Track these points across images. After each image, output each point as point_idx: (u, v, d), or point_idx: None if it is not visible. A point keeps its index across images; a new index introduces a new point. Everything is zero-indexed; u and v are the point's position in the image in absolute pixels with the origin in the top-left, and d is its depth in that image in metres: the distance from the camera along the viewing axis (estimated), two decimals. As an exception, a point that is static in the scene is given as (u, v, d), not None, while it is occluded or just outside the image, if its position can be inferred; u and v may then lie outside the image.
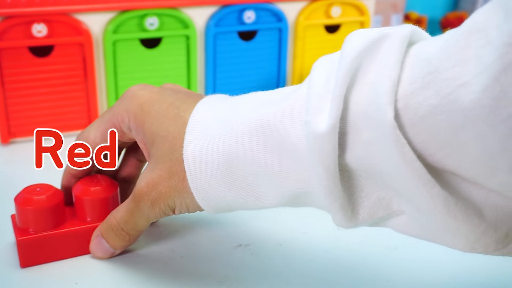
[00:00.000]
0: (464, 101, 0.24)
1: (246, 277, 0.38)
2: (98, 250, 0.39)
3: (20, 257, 0.38)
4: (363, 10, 0.70)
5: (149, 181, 0.35)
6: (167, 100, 0.36)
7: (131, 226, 0.37)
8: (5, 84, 0.56)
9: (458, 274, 0.39)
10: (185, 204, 0.35)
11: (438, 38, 0.28)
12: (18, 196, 0.38)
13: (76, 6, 0.56)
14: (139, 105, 0.36)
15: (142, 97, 0.37)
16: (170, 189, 0.34)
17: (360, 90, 0.28)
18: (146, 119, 0.36)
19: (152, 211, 0.36)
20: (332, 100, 0.28)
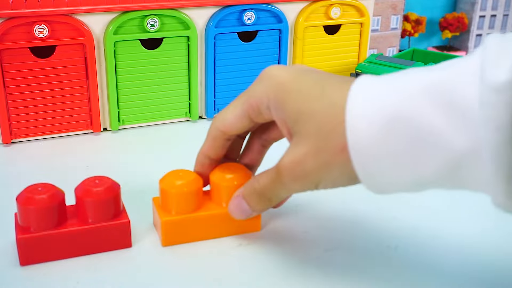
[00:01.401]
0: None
1: (246, 277, 0.38)
2: (237, 210, 0.41)
3: (19, 255, 0.38)
4: (362, 11, 0.70)
5: (294, 158, 0.35)
6: (309, 80, 0.36)
7: (272, 193, 0.39)
8: (6, 85, 0.56)
9: (458, 274, 0.39)
10: (332, 179, 0.35)
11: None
12: (20, 195, 0.39)
13: (77, 7, 0.56)
14: (279, 84, 0.37)
15: (281, 77, 0.37)
16: (317, 166, 0.35)
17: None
18: (288, 97, 0.36)
19: (294, 185, 0.36)
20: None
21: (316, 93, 0.35)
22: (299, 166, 0.35)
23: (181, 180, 0.41)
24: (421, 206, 0.48)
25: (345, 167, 0.34)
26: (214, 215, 0.42)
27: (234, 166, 0.42)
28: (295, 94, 0.36)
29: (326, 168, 0.34)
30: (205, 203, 0.42)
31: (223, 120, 0.40)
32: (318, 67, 0.70)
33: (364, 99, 0.33)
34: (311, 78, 0.36)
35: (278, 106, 0.37)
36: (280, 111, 0.37)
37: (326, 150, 0.34)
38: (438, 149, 0.31)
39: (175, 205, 0.41)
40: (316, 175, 0.35)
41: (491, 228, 0.45)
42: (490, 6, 0.96)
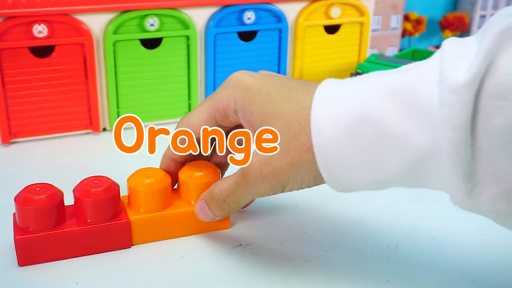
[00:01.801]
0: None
1: (246, 277, 0.38)
2: (200, 213, 0.41)
3: (18, 255, 0.38)
4: (362, 10, 0.70)
5: (261, 157, 0.36)
6: (276, 84, 0.37)
7: (233, 199, 0.39)
8: (5, 85, 0.56)
9: (458, 274, 0.39)
10: (300, 179, 0.36)
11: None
12: (18, 195, 0.38)
13: (77, 6, 0.56)
14: (246, 88, 0.38)
15: (248, 81, 0.38)
16: (285, 164, 0.35)
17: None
18: (256, 99, 0.37)
19: (261, 187, 0.37)
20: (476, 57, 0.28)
21: (283, 95, 0.36)
22: (267, 165, 0.36)
23: (149, 178, 0.41)
24: (421, 206, 0.48)
25: (312, 166, 0.35)
26: (183, 213, 0.42)
27: (203, 164, 0.43)
28: (262, 96, 0.37)
29: (295, 167, 0.35)
30: (174, 201, 0.42)
31: (188, 123, 0.41)
32: (318, 67, 0.70)
33: (329, 102, 0.34)
34: (277, 82, 0.37)
35: (245, 109, 0.37)
36: (247, 113, 0.37)
37: (294, 148, 0.35)
38: (400, 149, 0.32)
39: (144, 204, 0.41)
40: (285, 174, 0.36)
41: (491, 228, 0.44)
42: (491, 6, 0.96)
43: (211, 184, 0.42)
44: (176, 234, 0.42)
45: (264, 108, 0.37)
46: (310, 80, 0.71)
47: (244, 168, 0.37)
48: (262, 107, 0.37)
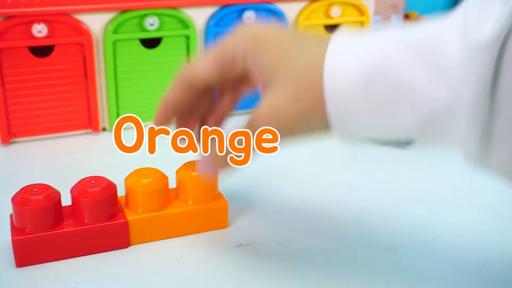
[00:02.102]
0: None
1: (246, 277, 0.38)
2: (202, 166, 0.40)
3: (15, 256, 0.38)
4: (363, 10, 0.70)
5: (271, 104, 0.35)
6: (288, 35, 0.37)
7: None
8: (5, 84, 0.56)
9: (458, 274, 0.39)
10: (309, 127, 0.35)
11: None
12: (16, 196, 0.38)
13: (76, 6, 0.56)
14: (257, 38, 0.37)
15: (256, 30, 0.37)
16: (296, 112, 0.34)
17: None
18: (267, 47, 0.36)
19: None
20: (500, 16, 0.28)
21: (295, 46, 0.35)
22: (279, 111, 0.35)
23: (147, 178, 0.41)
24: (421, 206, 0.47)
25: (323, 114, 0.34)
26: (180, 213, 0.42)
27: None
28: (274, 45, 0.36)
29: (306, 114, 0.34)
30: (171, 201, 0.42)
31: (194, 70, 0.39)
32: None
33: (343, 54, 0.33)
34: (289, 34, 0.37)
35: (255, 56, 0.36)
36: (257, 61, 0.36)
37: (306, 96, 0.34)
38: (416, 102, 0.31)
39: (141, 204, 0.41)
40: (295, 120, 0.35)
41: (491, 229, 0.44)
42: (491, 5, 0.96)
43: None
44: (173, 234, 0.42)
45: (274, 58, 0.36)
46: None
47: (254, 116, 0.36)
48: (273, 57, 0.36)
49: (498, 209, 0.47)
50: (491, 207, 0.47)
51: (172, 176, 0.44)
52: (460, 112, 0.30)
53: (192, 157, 0.47)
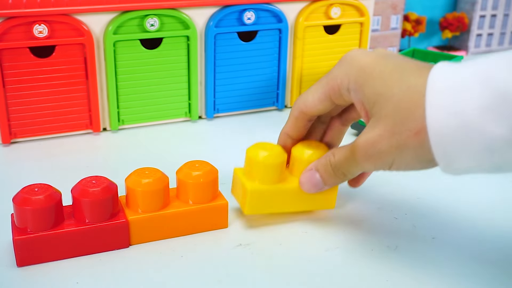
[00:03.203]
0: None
1: (246, 277, 0.38)
2: (308, 183, 0.43)
3: (16, 256, 0.38)
4: (362, 10, 0.70)
5: (368, 138, 0.37)
6: (389, 64, 0.38)
7: (343, 169, 0.41)
8: (6, 85, 0.56)
9: (457, 274, 0.39)
10: (404, 161, 0.36)
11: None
12: (16, 196, 0.38)
13: (77, 6, 0.56)
14: (360, 68, 0.38)
15: (363, 60, 0.39)
16: (390, 148, 0.36)
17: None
18: (368, 80, 0.38)
19: (367, 164, 0.38)
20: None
21: (396, 77, 0.36)
22: (373, 146, 0.37)
23: (147, 178, 0.41)
24: (421, 206, 0.48)
25: (419, 150, 0.35)
26: (180, 212, 0.42)
27: (200, 164, 0.43)
28: (375, 77, 0.37)
29: (399, 150, 0.36)
30: (171, 201, 0.43)
31: (304, 101, 0.42)
32: (318, 67, 0.70)
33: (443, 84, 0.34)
34: (391, 63, 0.38)
35: (357, 88, 0.38)
36: (359, 93, 0.38)
37: (401, 132, 0.35)
38: None
39: (141, 204, 0.41)
40: (389, 156, 0.37)
41: (491, 229, 0.44)
42: (491, 6, 0.96)
43: (208, 184, 0.42)
44: (174, 234, 0.42)
45: (375, 89, 0.37)
46: (310, 80, 0.71)
47: (353, 145, 0.39)
48: (374, 88, 0.37)
49: (497, 209, 0.47)
50: (491, 207, 0.47)
51: (172, 176, 0.44)
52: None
53: (192, 157, 0.47)
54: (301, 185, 0.43)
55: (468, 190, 0.50)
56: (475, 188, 0.50)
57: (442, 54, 0.75)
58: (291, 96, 0.70)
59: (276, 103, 0.70)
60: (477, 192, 0.50)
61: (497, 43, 1.01)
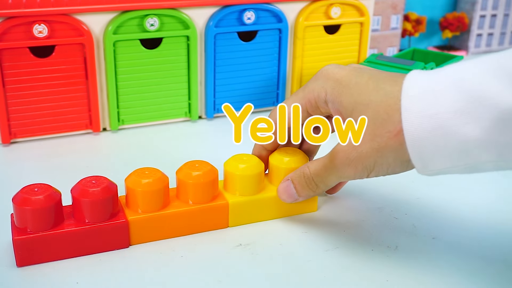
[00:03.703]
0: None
1: (246, 277, 0.38)
2: (284, 193, 0.44)
3: (16, 256, 0.38)
4: (362, 10, 0.70)
5: (349, 143, 0.38)
6: (365, 75, 0.39)
7: (321, 179, 0.42)
8: (6, 85, 0.56)
9: (458, 274, 0.39)
10: (385, 164, 0.38)
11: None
12: (16, 196, 0.38)
13: (77, 6, 0.56)
14: (336, 80, 0.40)
15: (338, 74, 0.40)
16: (372, 150, 0.37)
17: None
18: (345, 91, 0.39)
19: (347, 171, 0.39)
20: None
21: (371, 86, 0.38)
22: (354, 150, 0.38)
23: (147, 178, 0.41)
24: (421, 206, 0.48)
25: (399, 151, 0.36)
26: (180, 213, 0.42)
27: (200, 164, 0.43)
28: (351, 87, 0.39)
29: (380, 152, 0.37)
30: (171, 201, 0.43)
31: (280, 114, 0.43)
32: (318, 67, 0.70)
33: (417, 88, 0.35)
34: (366, 74, 0.39)
35: (335, 99, 0.40)
36: (336, 103, 0.40)
37: (381, 135, 0.37)
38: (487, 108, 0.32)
39: (141, 204, 0.41)
40: (370, 159, 0.38)
41: (490, 229, 0.44)
42: (491, 6, 0.96)
43: (208, 184, 0.42)
44: (174, 234, 0.42)
45: (352, 98, 0.39)
46: (310, 80, 0.71)
47: (332, 151, 0.40)
48: (351, 97, 0.39)
49: (497, 209, 0.47)
50: (491, 207, 0.47)
51: (172, 176, 0.44)
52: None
53: (192, 157, 0.47)
54: (278, 195, 0.44)
55: (468, 190, 0.50)
56: (475, 188, 0.50)
57: (442, 54, 0.75)
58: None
59: (276, 103, 0.70)
60: (477, 192, 0.50)
61: (497, 43, 1.01)
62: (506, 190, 0.50)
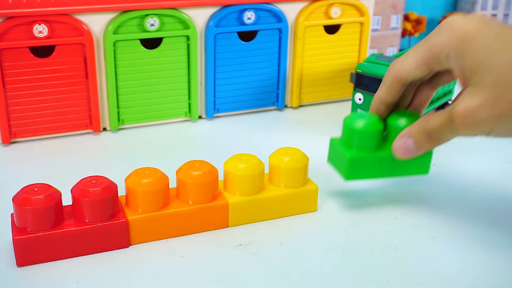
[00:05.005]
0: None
1: (246, 277, 0.38)
2: (401, 149, 0.44)
3: (16, 256, 0.38)
4: (362, 10, 0.70)
5: (468, 107, 0.38)
6: (491, 33, 0.38)
7: (439, 135, 0.41)
8: (6, 85, 0.56)
9: (458, 274, 0.39)
10: (505, 129, 0.38)
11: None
12: (16, 195, 0.38)
13: (77, 6, 0.56)
14: (460, 35, 0.39)
15: (463, 28, 0.39)
16: (490, 117, 0.37)
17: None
18: (469, 49, 0.38)
19: (465, 131, 0.39)
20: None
21: (497, 47, 0.37)
22: (473, 114, 0.38)
23: (147, 178, 0.41)
24: (421, 206, 0.48)
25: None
26: (180, 212, 0.42)
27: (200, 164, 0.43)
28: (476, 46, 0.38)
29: (501, 119, 0.37)
30: (171, 200, 0.43)
31: (400, 67, 0.43)
32: (318, 67, 0.70)
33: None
34: (493, 31, 0.38)
35: (458, 56, 0.39)
36: (459, 61, 0.39)
37: (503, 102, 0.36)
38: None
39: (141, 203, 0.41)
40: (490, 124, 0.37)
41: (490, 229, 0.44)
42: (491, 6, 0.96)
43: (208, 184, 0.42)
44: (174, 234, 0.42)
45: (476, 58, 0.38)
46: (310, 80, 0.71)
47: (452, 112, 0.39)
48: (475, 58, 0.38)
49: (497, 209, 0.47)
50: (491, 207, 0.47)
51: (172, 176, 0.44)
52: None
53: (192, 157, 0.47)
54: (394, 152, 0.44)
55: (468, 190, 0.50)
56: (475, 188, 0.50)
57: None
58: (291, 96, 0.70)
59: (276, 103, 0.70)
60: (477, 192, 0.50)
61: (497, 43, 1.00)
62: (506, 190, 0.51)
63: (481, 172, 0.53)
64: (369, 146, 0.44)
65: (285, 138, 0.62)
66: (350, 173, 0.44)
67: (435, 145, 0.42)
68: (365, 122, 0.44)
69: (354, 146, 0.44)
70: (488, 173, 0.53)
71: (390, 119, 0.45)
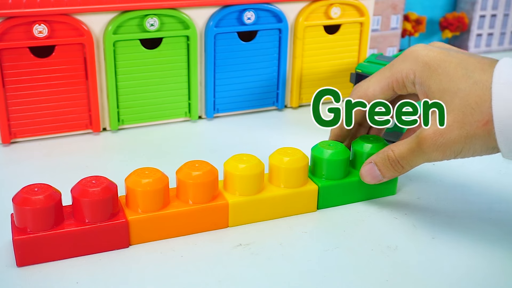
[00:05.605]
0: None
1: (246, 277, 0.38)
2: (368, 175, 0.45)
3: (16, 256, 0.38)
4: (362, 10, 0.70)
5: (437, 130, 0.40)
6: (453, 61, 0.40)
7: (407, 162, 0.43)
8: (6, 85, 0.56)
9: (457, 274, 0.39)
10: (471, 150, 0.39)
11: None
12: (16, 196, 0.38)
13: (77, 6, 0.56)
14: (425, 63, 0.41)
15: (427, 56, 0.41)
16: (460, 137, 0.39)
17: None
18: (434, 76, 0.41)
19: (434, 155, 0.41)
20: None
21: (460, 73, 0.39)
22: (442, 137, 0.40)
23: (147, 178, 0.41)
24: (421, 206, 0.48)
25: (487, 139, 0.38)
26: (180, 212, 0.42)
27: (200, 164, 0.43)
28: (440, 73, 0.40)
29: (468, 139, 0.39)
30: (171, 201, 0.43)
31: (365, 91, 0.45)
32: (318, 67, 0.70)
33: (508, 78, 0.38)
34: (455, 59, 0.40)
35: (423, 82, 0.41)
36: (425, 87, 0.41)
37: (470, 124, 0.38)
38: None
39: (141, 204, 0.41)
40: (458, 145, 0.39)
41: (490, 229, 0.44)
42: (491, 6, 0.96)
43: (207, 184, 0.42)
44: (174, 234, 0.42)
45: (441, 84, 0.40)
46: (310, 80, 0.71)
47: (419, 136, 0.41)
48: (440, 83, 0.40)
49: (497, 209, 0.47)
50: (491, 207, 0.47)
51: (172, 176, 0.44)
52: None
53: (192, 157, 0.47)
54: (362, 177, 0.46)
55: (468, 190, 0.50)
56: (475, 188, 0.50)
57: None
58: (291, 96, 0.70)
59: (276, 103, 0.70)
60: (477, 192, 0.50)
61: (497, 43, 1.01)
62: (506, 190, 0.50)
63: (480, 172, 0.53)
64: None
65: (285, 138, 0.62)
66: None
67: (401, 172, 0.44)
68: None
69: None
70: (488, 173, 0.53)
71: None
